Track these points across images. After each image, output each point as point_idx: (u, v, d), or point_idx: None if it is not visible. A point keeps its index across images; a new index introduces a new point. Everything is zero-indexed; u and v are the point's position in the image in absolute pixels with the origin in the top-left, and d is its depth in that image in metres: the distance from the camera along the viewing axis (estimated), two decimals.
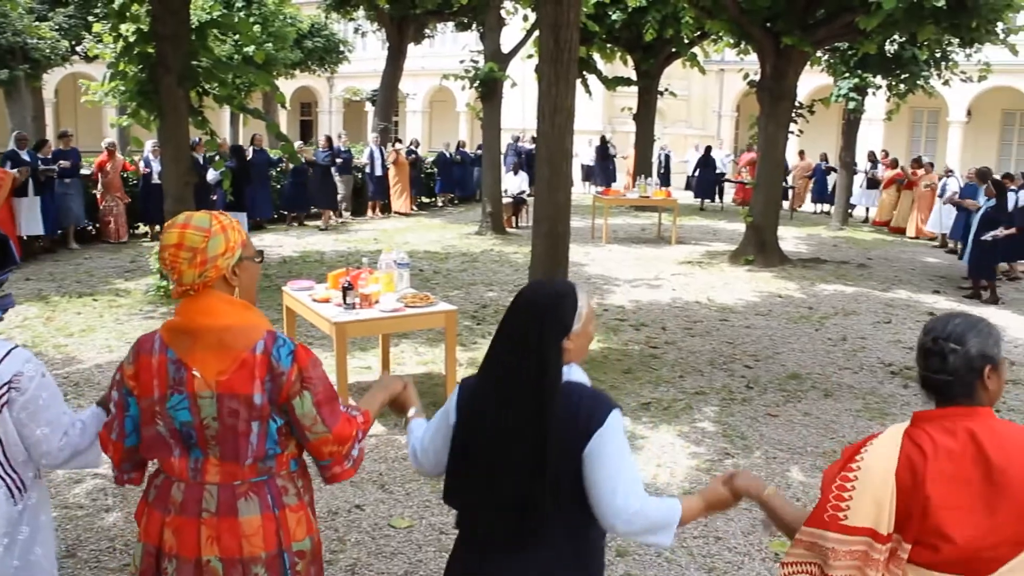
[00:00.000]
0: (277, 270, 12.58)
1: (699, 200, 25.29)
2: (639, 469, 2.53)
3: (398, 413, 3.00)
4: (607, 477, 2.35)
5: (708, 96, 33.49)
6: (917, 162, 22.06)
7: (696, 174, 25.67)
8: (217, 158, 11.58)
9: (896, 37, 16.69)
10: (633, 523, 2.37)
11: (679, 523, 2.46)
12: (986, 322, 2.35)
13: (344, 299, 6.52)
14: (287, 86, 36.13)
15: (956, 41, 15.54)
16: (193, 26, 10.50)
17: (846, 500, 2.25)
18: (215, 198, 13.59)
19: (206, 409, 2.47)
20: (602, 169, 26.71)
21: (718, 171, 25.90)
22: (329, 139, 18.99)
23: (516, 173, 18.96)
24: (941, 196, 18.37)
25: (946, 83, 19.90)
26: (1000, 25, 13.90)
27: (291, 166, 16.50)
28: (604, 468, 2.35)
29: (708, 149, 25.81)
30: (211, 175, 13.05)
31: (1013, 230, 12.18)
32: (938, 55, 18.58)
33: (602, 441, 2.35)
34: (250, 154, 15.97)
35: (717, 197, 25.73)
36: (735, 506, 2.71)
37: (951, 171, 19.40)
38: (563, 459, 2.34)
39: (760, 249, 14.75)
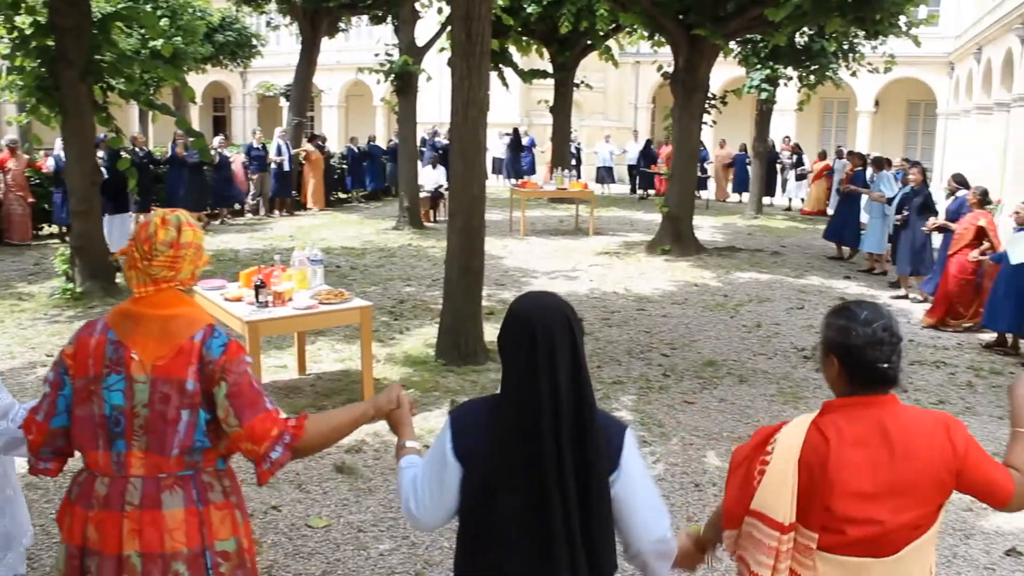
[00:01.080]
0: None
1: (640, 191, 25.73)
2: None
3: (395, 433, 2.75)
4: (644, 503, 2.27)
5: (624, 88, 33.78)
6: (822, 155, 22.77)
7: (639, 165, 26.20)
8: (122, 155, 11.27)
9: (805, 29, 17.05)
10: (662, 550, 2.32)
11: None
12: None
13: (256, 297, 6.42)
14: (199, 81, 35.40)
15: (862, 33, 15.97)
16: (95, 18, 10.19)
17: (754, 486, 2.31)
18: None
19: (139, 395, 2.47)
20: (513, 161, 26.71)
21: (633, 163, 26.30)
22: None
23: (434, 167, 18.88)
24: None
25: (854, 74, 20.49)
26: (903, 18, 14.32)
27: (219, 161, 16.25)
28: (638, 494, 2.26)
29: (648, 142, 26.28)
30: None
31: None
32: (846, 47, 19.13)
33: (629, 465, 2.25)
34: (180, 151, 15.89)
35: (637, 188, 26.15)
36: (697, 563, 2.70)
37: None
38: (601, 490, 2.19)
39: (676, 239, 14.95)
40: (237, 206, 18.94)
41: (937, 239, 11.56)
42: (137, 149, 15.75)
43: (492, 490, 2.17)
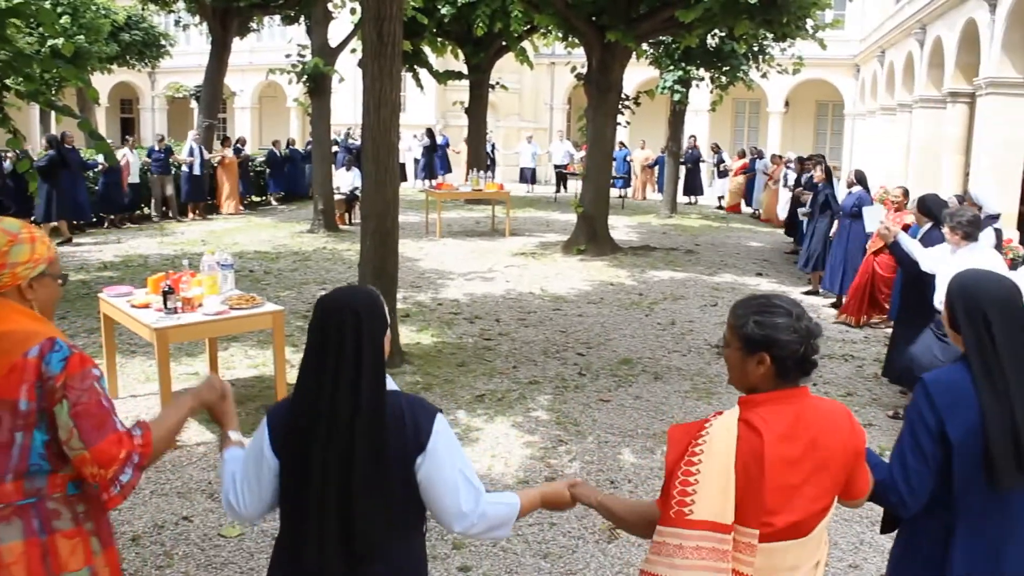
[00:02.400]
0: (96, 276, 11.98)
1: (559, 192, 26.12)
2: (473, 464, 2.49)
3: (218, 424, 2.79)
4: (447, 487, 2.36)
5: (540, 89, 33.94)
6: (740, 154, 23.29)
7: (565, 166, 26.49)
8: (21, 159, 10.87)
9: (716, 31, 17.36)
10: (477, 526, 2.41)
11: (517, 517, 2.54)
12: None
13: (165, 304, 6.28)
14: (104, 81, 34.46)
15: (771, 36, 16.33)
16: None
17: (690, 495, 2.24)
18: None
19: None
20: (428, 163, 26.65)
21: (558, 164, 26.50)
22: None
23: (348, 169, 18.71)
24: (786, 185, 19.33)
25: (764, 75, 20.95)
26: (809, 22, 14.68)
27: (107, 166, 15.73)
28: (442, 478, 2.35)
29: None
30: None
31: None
32: (756, 49, 19.51)
33: (435, 450, 2.34)
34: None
35: (562, 188, 26.37)
36: (571, 507, 2.75)
37: (790, 161, 20.37)
38: (397, 474, 2.31)
39: (592, 238, 15.08)
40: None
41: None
42: (65, 147, 15.27)
43: (294, 470, 2.34)
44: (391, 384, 2.42)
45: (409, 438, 2.31)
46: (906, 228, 9.68)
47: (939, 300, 6.49)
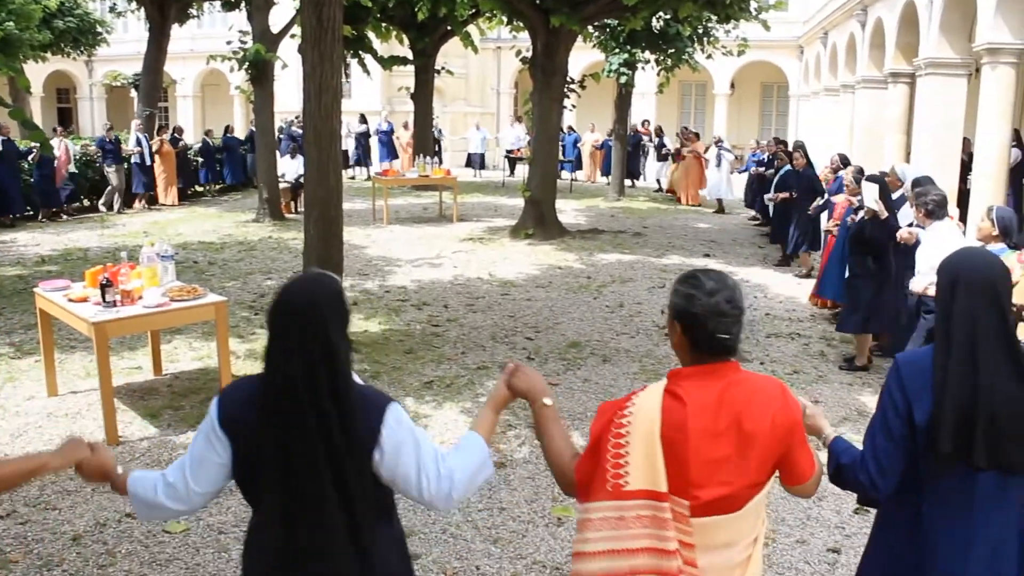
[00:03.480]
0: (34, 271, 11.70)
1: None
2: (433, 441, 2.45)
3: (92, 479, 2.56)
4: (412, 471, 2.34)
5: (486, 74, 33.81)
6: (683, 134, 23.31)
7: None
8: None
9: (661, 14, 17.40)
10: (456, 495, 2.40)
11: (487, 447, 2.52)
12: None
13: (103, 297, 6.14)
14: (38, 70, 33.54)
15: (715, 18, 16.40)
16: None
17: (623, 466, 2.25)
18: None
19: None
20: (365, 150, 26.46)
21: (509, 148, 26.44)
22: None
23: (294, 157, 18.47)
24: (718, 166, 19.50)
25: (709, 57, 21.07)
26: (753, 3, 14.78)
27: (41, 157, 15.35)
28: (405, 464, 2.34)
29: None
30: None
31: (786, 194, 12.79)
32: (700, 31, 19.58)
33: (392, 436, 2.33)
34: None
35: (513, 173, 26.36)
36: (510, 401, 2.64)
37: (720, 140, 20.53)
38: (360, 464, 2.29)
39: (539, 222, 15.08)
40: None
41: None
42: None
43: (254, 464, 2.29)
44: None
45: (364, 424, 2.29)
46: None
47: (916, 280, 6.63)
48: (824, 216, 11.09)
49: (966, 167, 14.25)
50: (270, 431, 2.24)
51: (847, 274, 8.14)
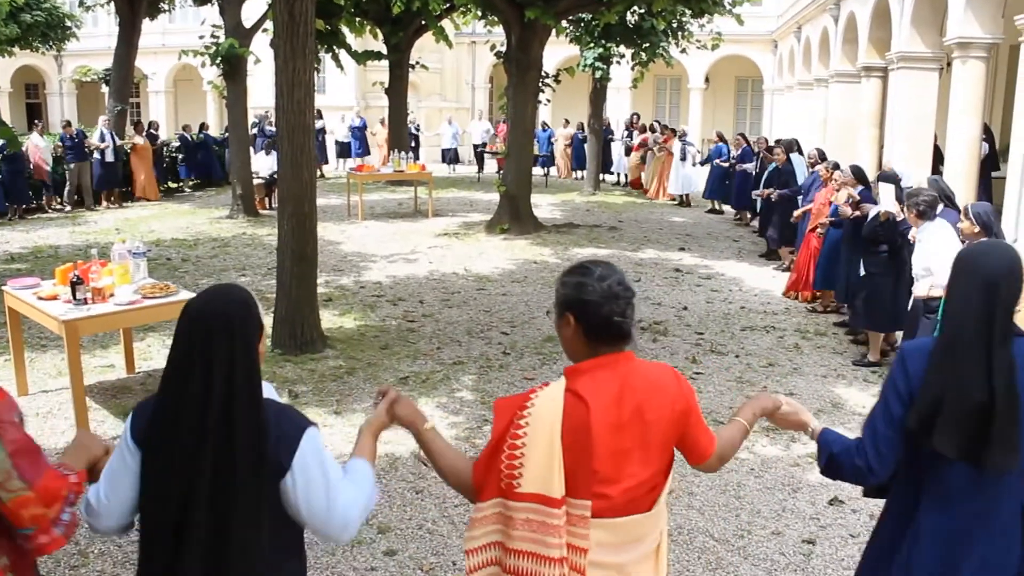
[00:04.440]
0: (3, 269, 11.55)
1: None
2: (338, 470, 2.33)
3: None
4: (318, 502, 2.21)
5: (461, 69, 33.74)
6: (641, 129, 23.32)
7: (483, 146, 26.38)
8: None
9: (635, 8, 17.41)
10: (352, 529, 2.29)
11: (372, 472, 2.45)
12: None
13: (73, 295, 6.06)
14: (6, 65, 33.24)
15: (689, 12, 16.44)
16: None
17: (518, 467, 2.21)
18: None
19: None
20: (321, 146, 26.34)
21: (477, 143, 26.36)
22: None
23: (268, 153, 18.34)
24: (683, 160, 19.55)
25: (684, 51, 21.10)
26: None
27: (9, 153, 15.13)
28: (312, 493, 2.20)
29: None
30: None
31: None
32: (675, 25, 19.60)
33: (304, 465, 2.20)
34: None
35: (483, 167, 26.33)
36: (388, 427, 2.59)
37: (684, 134, 20.55)
38: (264, 490, 2.17)
39: (515, 217, 15.06)
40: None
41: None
42: None
43: (149, 479, 2.17)
44: (269, 391, 2.29)
45: (274, 447, 2.16)
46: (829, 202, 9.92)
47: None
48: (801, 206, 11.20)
49: (938, 160, 14.37)
50: (160, 450, 2.13)
51: (862, 272, 8.02)
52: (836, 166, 10.42)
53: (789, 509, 5.09)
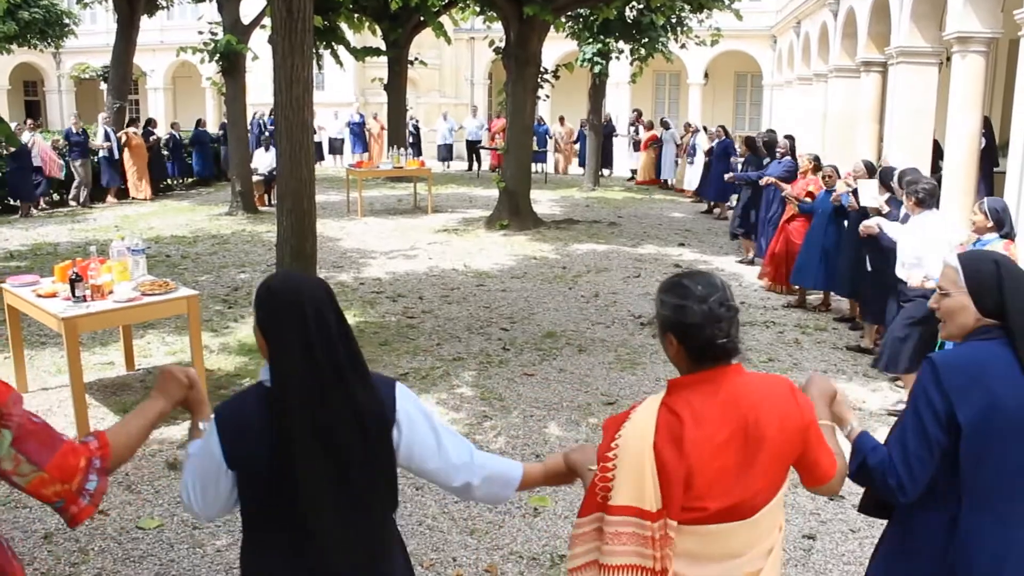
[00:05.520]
0: (2, 266, 11.54)
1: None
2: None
3: (193, 416, 2.53)
4: (433, 448, 2.34)
5: (460, 65, 33.74)
6: (649, 126, 23.39)
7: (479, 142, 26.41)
8: None
9: (634, 3, 17.40)
10: (478, 473, 2.39)
11: (521, 483, 2.51)
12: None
13: (73, 292, 6.06)
14: (5, 62, 33.24)
15: (688, 7, 16.42)
16: None
17: (610, 480, 2.19)
18: None
19: None
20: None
21: (471, 139, 26.34)
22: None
23: (267, 149, 18.33)
24: (692, 155, 19.57)
25: (683, 47, 21.07)
26: None
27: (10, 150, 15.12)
28: (424, 442, 2.33)
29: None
30: None
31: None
32: (674, 21, 19.58)
33: (407, 418, 2.33)
34: None
35: (475, 163, 26.28)
36: (572, 482, 2.64)
37: (697, 129, 20.56)
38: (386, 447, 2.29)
39: (514, 213, 15.05)
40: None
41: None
42: None
43: (275, 489, 2.19)
44: (266, 375, 2.32)
45: (380, 410, 2.28)
46: (811, 196, 9.92)
47: (900, 269, 6.64)
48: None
49: (937, 155, 14.35)
50: (295, 445, 2.15)
51: (869, 268, 7.96)
52: (817, 159, 10.47)
53: (789, 504, 5.08)
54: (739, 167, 13.88)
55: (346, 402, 2.19)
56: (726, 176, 14.04)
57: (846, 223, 8.82)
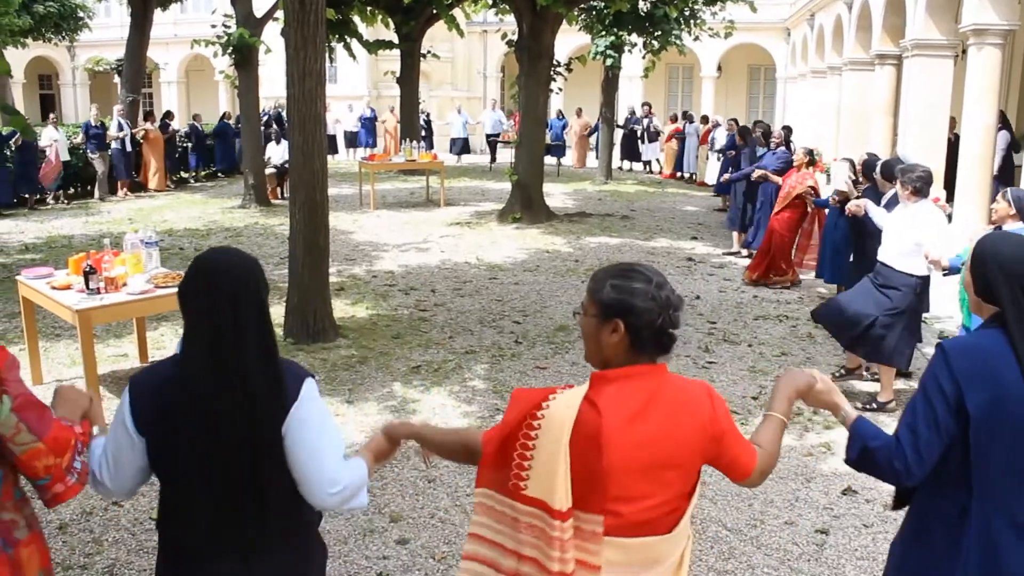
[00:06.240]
0: (17, 259, 11.60)
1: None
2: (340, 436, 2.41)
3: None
4: (310, 455, 2.26)
5: (472, 58, 33.70)
6: (673, 118, 23.38)
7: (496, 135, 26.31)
8: None
9: None
10: (339, 496, 2.32)
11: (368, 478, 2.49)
12: None
13: (87, 284, 6.09)
14: (19, 56, 33.26)
15: (701, 0, 16.35)
16: None
17: (527, 469, 2.13)
18: None
19: None
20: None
21: (490, 133, 26.30)
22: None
23: (279, 142, 18.36)
24: (712, 148, 19.54)
25: (696, 39, 21.01)
26: None
27: (22, 143, 15.19)
28: (306, 445, 2.25)
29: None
30: None
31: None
32: (687, 13, 19.52)
33: (300, 416, 2.26)
34: None
35: (496, 157, 26.27)
36: (394, 453, 2.70)
37: (717, 123, 20.51)
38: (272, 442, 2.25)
39: (527, 206, 15.03)
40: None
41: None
42: None
43: (176, 452, 2.22)
44: None
45: (276, 402, 2.25)
46: (814, 190, 9.93)
47: (883, 254, 6.60)
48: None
49: (953, 147, 14.26)
50: (193, 414, 2.18)
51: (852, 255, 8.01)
52: (811, 152, 10.44)
53: (802, 499, 5.07)
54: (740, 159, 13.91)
55: (243, 394, 2.18)
56: (721, 178, 14.02)
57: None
